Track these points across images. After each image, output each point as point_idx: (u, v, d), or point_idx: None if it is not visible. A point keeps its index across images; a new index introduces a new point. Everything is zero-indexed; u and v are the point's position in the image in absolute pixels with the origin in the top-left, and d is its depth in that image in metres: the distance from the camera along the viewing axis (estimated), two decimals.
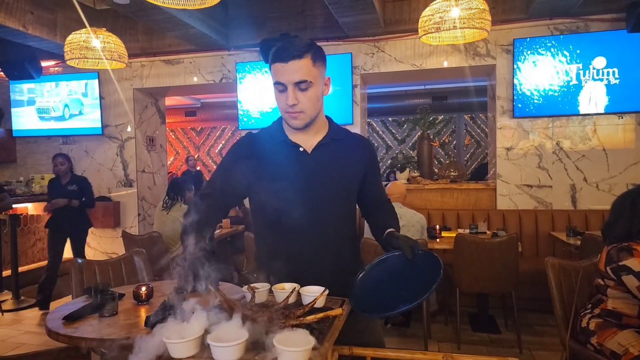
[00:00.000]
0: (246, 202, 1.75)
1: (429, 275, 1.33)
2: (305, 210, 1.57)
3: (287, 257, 1.57)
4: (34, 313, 5.02)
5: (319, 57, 1.55)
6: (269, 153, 1.64)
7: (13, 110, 6.91)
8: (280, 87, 1.53)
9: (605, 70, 5.04)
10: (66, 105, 6.70)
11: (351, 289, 1.46)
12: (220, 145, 13.03)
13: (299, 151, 1.63)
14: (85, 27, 4.41)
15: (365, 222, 1.84)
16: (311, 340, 1.01)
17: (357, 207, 1.81)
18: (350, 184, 1.68)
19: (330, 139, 1.66)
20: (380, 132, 11.69)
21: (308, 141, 1.65)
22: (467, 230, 4.63)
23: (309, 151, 1.63)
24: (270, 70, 1.56)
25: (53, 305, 4.96)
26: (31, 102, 6.85)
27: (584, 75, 5.11)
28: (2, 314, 4.96)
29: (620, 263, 2.26)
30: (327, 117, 1.72)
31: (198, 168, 13.05)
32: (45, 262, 5.23)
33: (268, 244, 1.70)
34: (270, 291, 1.44)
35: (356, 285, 1.47)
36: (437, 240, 4.39)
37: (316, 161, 1.63)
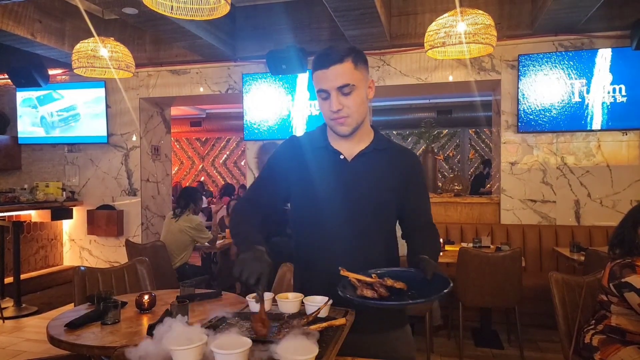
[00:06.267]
0: None
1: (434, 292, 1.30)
2: (338, 219, 1.55)
3: (320, 264, 1.56)
4: (36, 320, 5.01)
5: (361, 60, 1.51)
6: (308, 158, 1.60)
7: (19, 117, 6.97)
8: (324, 94, 1.50)
9: (611, 87, 5.06)
10: (72, 114, 6.74)
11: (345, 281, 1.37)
12: (225, 155, 13.07)
13: (339, 159, 1.58)
14: (94, 36, 4.45)
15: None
16: (314, 349, 1.01)
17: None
18: (385, 196, 1.58)
19: (372, 148, 1.60)
20: None
21: (350, 149, 1.59)
22: (471, 245, 4.60)
23: (349, 159, 1.58)
24: (312, 79, 1.54)
25: (55, 312, 4.95)
26: (37, 110, 6.90)
27: (588, 91, 5.13)
28: (4, 321, 4.95)
29: (623, 280, 2.24)
30: (372, 126, 1.67)
31: (202, 179, 13.09)
32: (48, 270, 5.23)
33: (303, 250, 1.67)
34: (274, 301, 1.44)
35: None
36: (441, 254, 4.36)
37: (354, 170, 1.57)
